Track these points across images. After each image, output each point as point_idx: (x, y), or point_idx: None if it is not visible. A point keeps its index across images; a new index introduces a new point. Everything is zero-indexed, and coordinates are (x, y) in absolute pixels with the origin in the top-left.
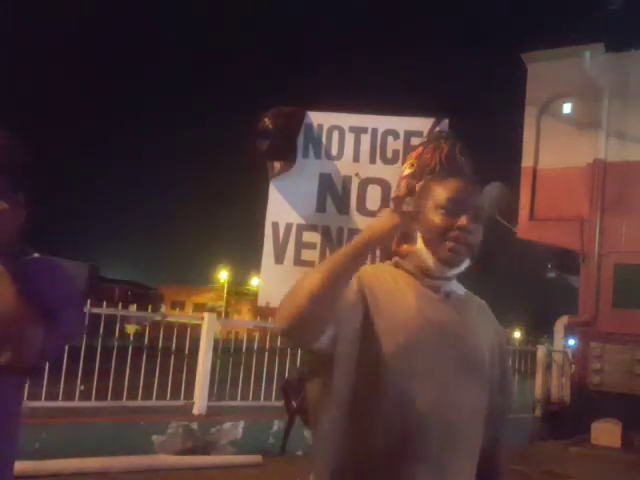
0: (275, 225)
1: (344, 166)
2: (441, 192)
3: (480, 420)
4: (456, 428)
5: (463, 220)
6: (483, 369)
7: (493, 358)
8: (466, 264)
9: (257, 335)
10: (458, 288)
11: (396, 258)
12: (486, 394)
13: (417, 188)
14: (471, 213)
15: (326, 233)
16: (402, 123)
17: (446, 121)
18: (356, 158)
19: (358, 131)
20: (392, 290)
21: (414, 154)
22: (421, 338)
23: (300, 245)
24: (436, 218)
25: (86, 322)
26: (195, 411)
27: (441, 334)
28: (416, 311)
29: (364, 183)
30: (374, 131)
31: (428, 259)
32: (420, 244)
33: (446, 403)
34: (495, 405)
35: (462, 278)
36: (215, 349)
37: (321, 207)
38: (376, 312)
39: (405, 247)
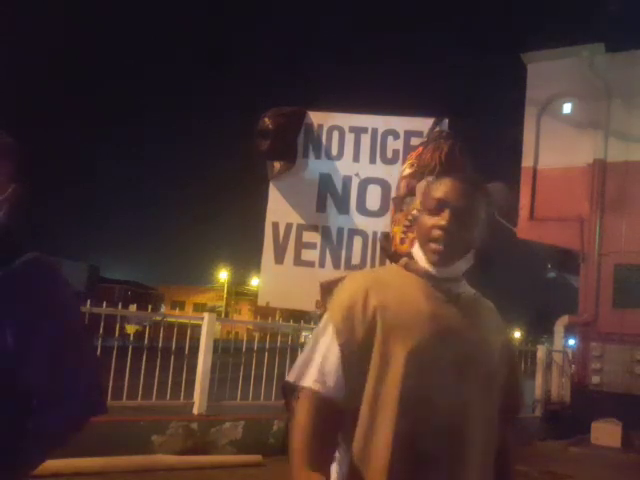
0: (275, 225)
1: (344, 166)
2: (430, 193)
3: (492, 424)
4: (468, 432)
5: (441, 220)
6: (494, 371)
7: (502, 359)
8: (465, 264)
9: (257, 335)
10: (468, 289)
11: (406, 259)
12: (496, 397)
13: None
14: (452, 212)
15: (326, 233)
16: (402, 123)
17: (446, 121)
18: (356, 158)
19: (358, 131)
20: (403, 296)
21: (414, 154)
22: (435, 343)
23: (300, 245)
24: (423, 219)
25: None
26: (195, 411)
27: (454, 337)
28: (429, 315)
29: (364, 183)
30: (374, 131)
31: (421, 261)
32: (415, 246)
33: (459, 407)
34: (505, 406)
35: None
36: (215, 349)
37: (321, 207)
38: (390, 324)
39: (405, 247)
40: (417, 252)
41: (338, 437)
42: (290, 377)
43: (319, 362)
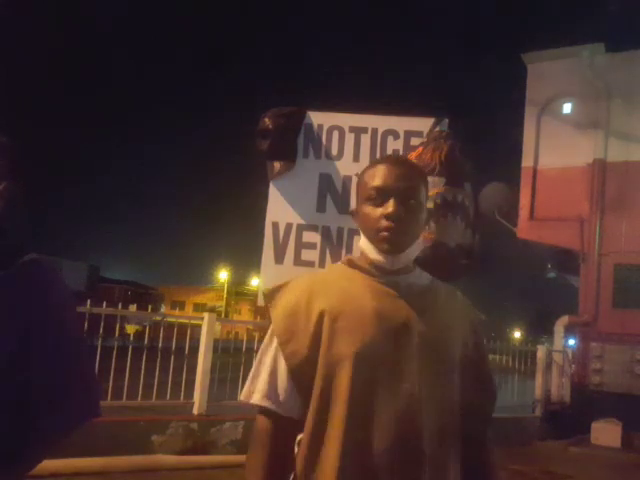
0: (275, 225)
1: (344, 166)
2: (367, 182)
3: (453, 414)
4: (424, 430)
5: (388, 207)
6: (454, 362)
7: (466, 348)
8: (415, 251)
9: (257, 335)
10: (421, 279)
11: (349, 256)
12: (459, 388)
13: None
14: (399, 199)
15: (326, 233)
16: (402, 123)
17: (446, 121)
18: (356, 158)
19: (358, 131)
20: (348, 296)
21: (414, 154)
22: (382, 341)
23: (300, 245)
24: (367, 210)
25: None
26: (195, 411)
27: (405, 332)
28: (375, 313)
29: None
30: (374, 131)
31: (371, 253)
32: (362, 239)
33: (413, 405)
34: (472, 399)
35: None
36: (215, 349)
37: (321, 207)
38: (334, 327)
39: None
40: (365, 245)
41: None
42: (242, 395)
43: (266, 377)
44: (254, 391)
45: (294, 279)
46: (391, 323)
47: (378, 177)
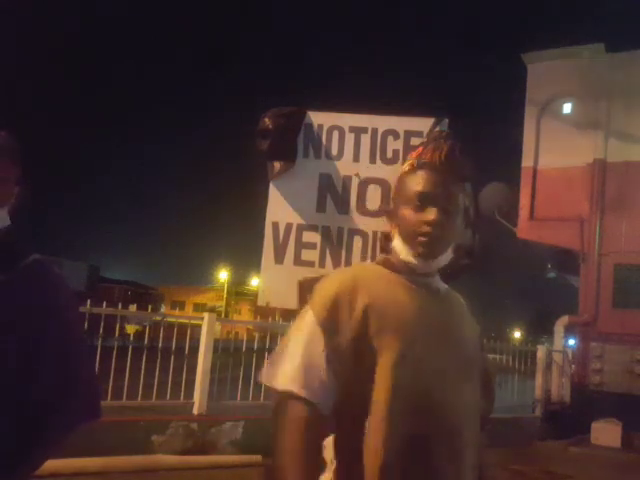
0: (275, 225)
1: (344, 166)
2: (411, 186)
3: (478, 415)
4: (462, 427)
5: (431, 214)
6: (475, 363)
7: (478, 351)
8: (447, 257)
9: (257, 335)
10: (441, 283)
11: (383, 256)
12: (478, 387)
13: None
14: (441, 206)
15: (326, 233)
16: (402, 123)
17: (446, 121)
18: (356, 158)
19: (358, 131)
20: (388, 294)
21: (414, 154)
22: (424, 340)
23: (300, 245)
24: (406, 213)
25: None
26: (195, 411)
27: (440, 333)
28: (416, 313)
29: (364, 183)
30: (374, 131)
31: (406, 256)
32: (397, 240)
33: (452, 404)
34: (480, 405)
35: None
36: (215, 349)
37: (321, 207)
38: (379, 324)
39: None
40: (399, 245)
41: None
42: (264, 378)
43: (301, 365)
44: (288, 377)
45: (333, 272)
46: (429, 323)
47: (420, 183)
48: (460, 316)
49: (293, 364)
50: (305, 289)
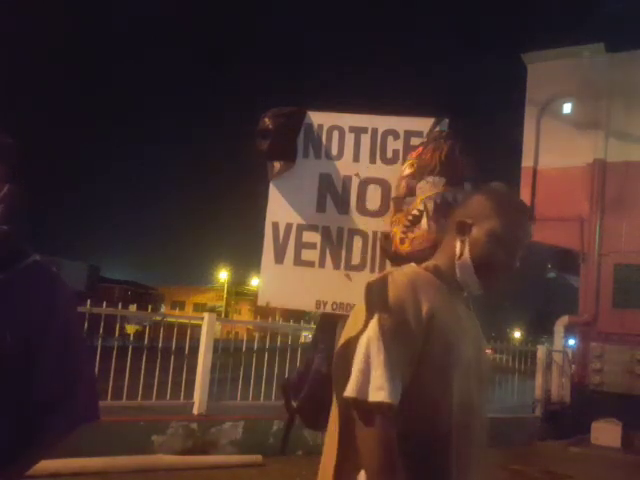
0: (275, 225)
1: (344, 166)
2: (512, 231)
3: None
4: (483, 423)
5: (515, 260)
6: (488, 376)
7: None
8: None
9: (257, 335)
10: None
11: (435, 263)
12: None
13: (460, 200)
14: (521, 252)
15: (326, 233)
16: (402, 123)
17: (446, 121)
18: (356, 158)
19: (358, 131)
20: (443, 301)
21: (414, 154)
22: (470, 349)
23: (300, 245)
24: (498, 253)
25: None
26: (195, 411)
27: (474, 339)
28: (461, 319)
29: (364, 183)
30: (374, 131)
31: (472, 283)
32: (467, 263)
33: (479, 402)
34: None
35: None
36: (215, 349)
37: (321, 207)
38: (441, 330)
39: (405, 247)
40: (468, 270)
41: None
42: (354, 392)
43: (383, 372)
44: (375, 388)
45: (391, 274)
46: (467, 329)
47: (524, 234)
48: (477, 322)
49: (377, 374)
50: (371, 292)
